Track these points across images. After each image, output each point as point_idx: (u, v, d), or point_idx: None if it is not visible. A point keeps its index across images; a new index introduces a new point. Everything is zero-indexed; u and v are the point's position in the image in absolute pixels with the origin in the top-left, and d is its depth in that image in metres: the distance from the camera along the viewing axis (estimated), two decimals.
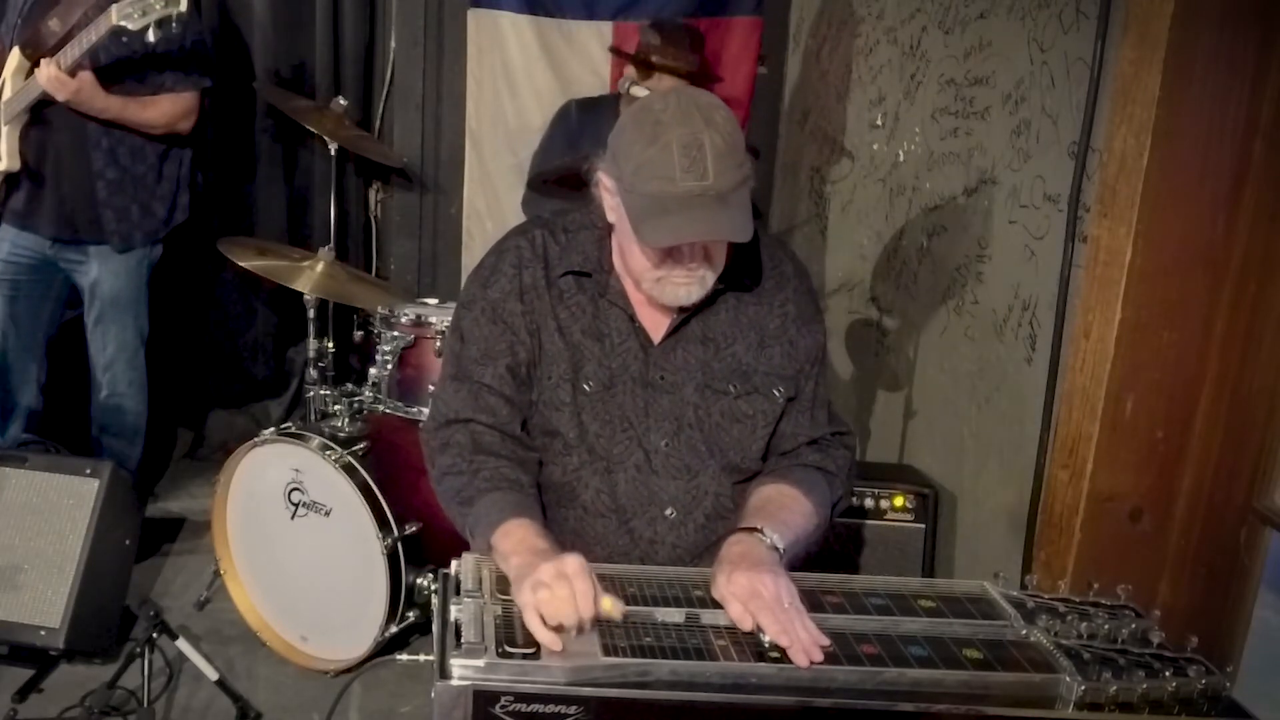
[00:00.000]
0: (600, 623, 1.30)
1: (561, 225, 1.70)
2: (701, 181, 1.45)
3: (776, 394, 1.68)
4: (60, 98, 2.82)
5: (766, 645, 1.29)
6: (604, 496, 1.64)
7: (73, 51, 2.79)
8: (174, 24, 2.70)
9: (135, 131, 3.02)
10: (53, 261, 3.10)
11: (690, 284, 1.57)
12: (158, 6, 2.64)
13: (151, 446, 3.76)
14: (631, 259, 1.59)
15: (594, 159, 1.60)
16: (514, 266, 1.66)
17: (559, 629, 1.26)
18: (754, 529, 1.50)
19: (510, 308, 1.64)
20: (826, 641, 1.30)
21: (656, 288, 1.58)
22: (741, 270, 1.68)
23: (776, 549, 1.48)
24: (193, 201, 3.25)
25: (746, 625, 1.32)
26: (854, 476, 1.76)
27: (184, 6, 2.66)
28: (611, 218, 1.60)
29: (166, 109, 3.04)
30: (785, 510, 1.57)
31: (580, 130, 3.17)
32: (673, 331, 1.66)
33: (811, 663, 1.27)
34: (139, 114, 2.99)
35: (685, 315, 1.65)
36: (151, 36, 2.69)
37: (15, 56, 2.94)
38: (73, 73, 2.82)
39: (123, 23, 2.67)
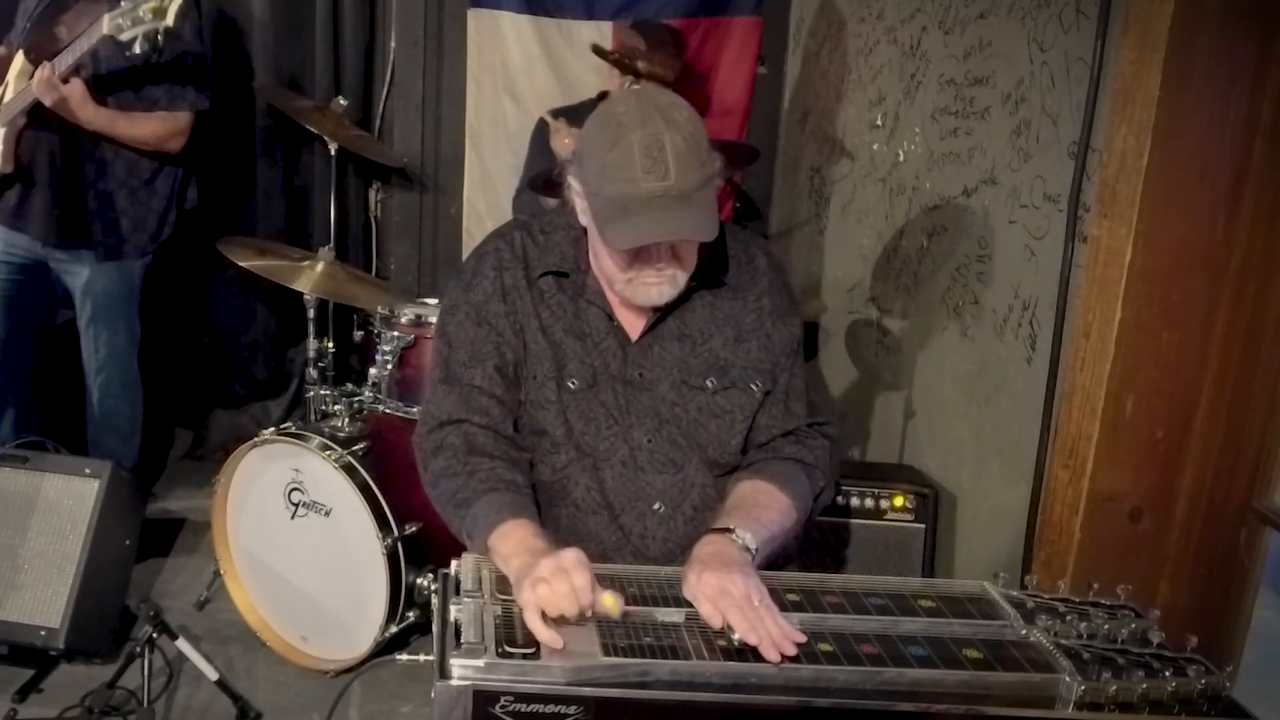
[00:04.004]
0: (601, 620, 1.30)
1: (540, 226, 1.71)
2: (663, 182, 1.46)
3: (754, 388, 1.69)
4: (48, 102, 2.81)
5: (735, 643, 1.29)
6: (594, 493, 1.64)
7: (67, 58, 2.79)
8: (160, 37, 2.69)
9: (129, 146, 3.02)
10: (45, 261, 3.10)
11: (661, 284, 1.58)
12: (146, 19, 2.63)
13: (151, 446, 3.76)
14: (602, 261, 1.60)
15: (566, 163, 1.61)
16: (494, 269, 1.67)
17: (560, 620, 1.27)
18: (726, 529, 1.50)
19: (494, 309, 1.65)
20: (801, 638, 1.30)
21: (628, 289, 1.59)
22: (715, 267, 1.69)
23: (748, 549, 1.48)
24: (180, 218, 3.23)
25: (716, 623, 1.32)
26: (838, 467, 1.75)
27: (170, 21, 2.64)
28: (583, 220, 1.61)
29: (156, 127, 3.03)
30: (760, 508, 1.57)
31: None
32: (650, 329, 1.66)
33: (784, 658, 1.26)
34: (127, 129, 2.99)
35: (662, 313, 1.66)
36: (138, 49, 2.68)
37: (20, 60, 2.94)
38: (65, 79, 2.81)
39: (111, 32, 2.67)
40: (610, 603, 1.31)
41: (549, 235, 1.69)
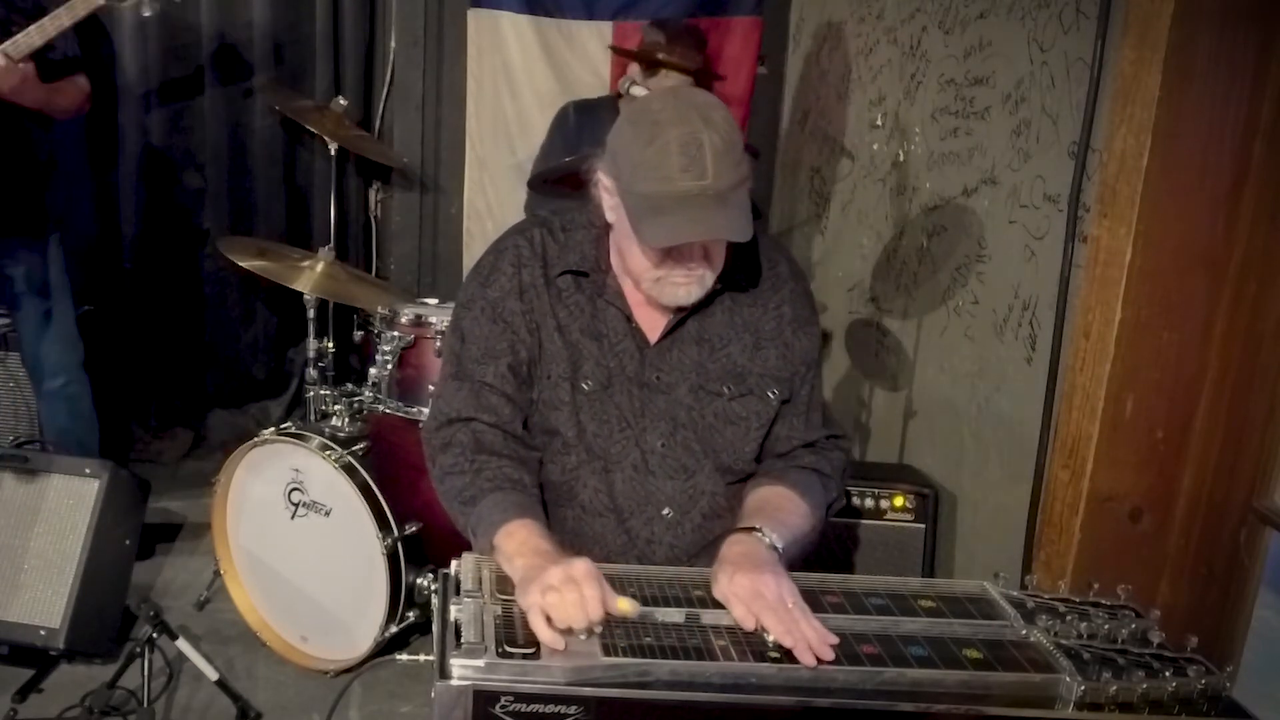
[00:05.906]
0: (609, 621, 1.30)
1: (560, 224, 1.69)
2: (700, 181, 1.44)
3: (771, 396, 1.68)
4: (5, 88, 2.74)
5: (770, 646, 1.29)
6: (602, 496, 1.64)
7: (26, 41, 2.71)
8: None
9: (35, 122, 2.94)
10: None
11: (690, 284, 1.57)
12: None
13: (149, 445, 3.76)
14: (631, 259, 1.58)
15: (593, 159, 1.60)
16: (513, 265, 1.66)
17: (567, 632, 1.26)
18: (753, 529, 1.50)
19: (510, 306, 1.64)
20: (835, 640, 1.30)
21: (656, 288, 1.58)
22: (738, 271, 1.68)
23: (776, 549, 1.48)
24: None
25: (750, 626, 1.32)
26: (848, 478, 1.76)
27: None
28: (610, 217, 1.60)
29: (74, 95, 2.99)
30: (783, 511, 1.57)
31: (578, 133, 3.17)
32: (669, 332, 1.65)
33: (821, 661, 1.26)
34: (60, 100, 2.94)
35: (681, 316, 1.65)
36: (147, 10, 2.64)
37: None
38: (19, 63, 2.73)
39: (111, 2, 2.63)
40: (626, 606, 1.30)
41: (569, 234, 1.68)
